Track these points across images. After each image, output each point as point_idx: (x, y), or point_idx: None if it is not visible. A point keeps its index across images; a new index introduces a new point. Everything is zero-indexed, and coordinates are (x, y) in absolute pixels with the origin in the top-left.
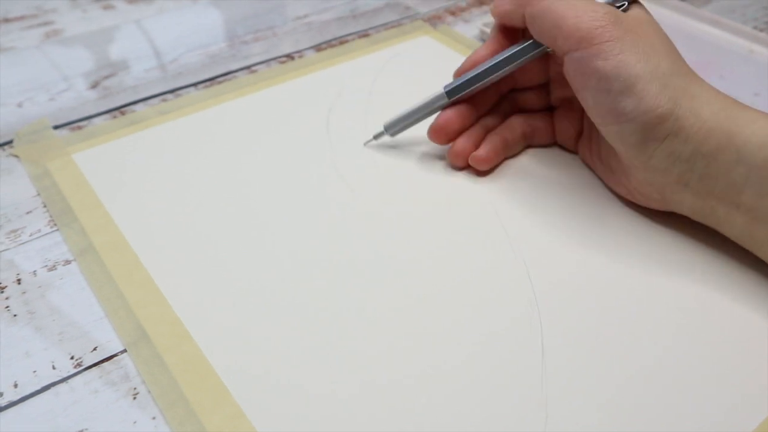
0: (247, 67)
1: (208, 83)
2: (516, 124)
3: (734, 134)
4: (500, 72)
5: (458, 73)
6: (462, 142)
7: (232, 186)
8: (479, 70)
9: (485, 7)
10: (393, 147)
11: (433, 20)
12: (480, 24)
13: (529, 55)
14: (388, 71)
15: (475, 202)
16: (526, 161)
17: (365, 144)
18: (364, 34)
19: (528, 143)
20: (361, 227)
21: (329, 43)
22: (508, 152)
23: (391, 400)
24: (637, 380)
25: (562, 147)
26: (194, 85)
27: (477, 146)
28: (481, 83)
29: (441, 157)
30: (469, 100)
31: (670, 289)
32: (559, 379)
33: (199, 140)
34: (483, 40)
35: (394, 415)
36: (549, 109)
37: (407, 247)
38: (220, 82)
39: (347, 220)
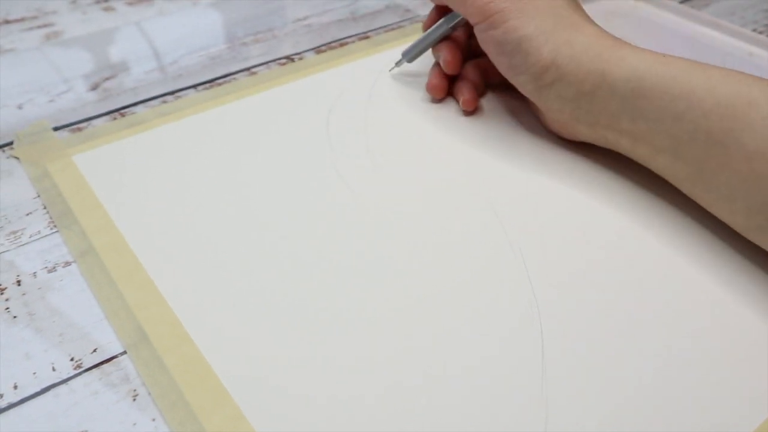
0: (247, 69)
1: (208, 85)
2: (475, 69)
3: (606, 73)
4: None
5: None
6: (437, 79)
7: (232, 188)
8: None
9: None
10: (393, 147)
11: None
12: None
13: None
14: (388, 73)
15: (474, 201)
16: (524, 152)
17: (390, 71)
18: (364, 36)
19: (486, 82)
20: (362, 228)
21: (329, 45)
22: (481, 93)
23: (390, 400)
24: (637, 381)
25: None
26: (194, 86)
27: (448, 81)
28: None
29: (439, 157)
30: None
31: (670, 288)
32: (559, 379)
33: (199, 142)
34: None
35: (393, 415)
36: None
37: (407, 247)
38: (220, 84)
39: (347, 221)
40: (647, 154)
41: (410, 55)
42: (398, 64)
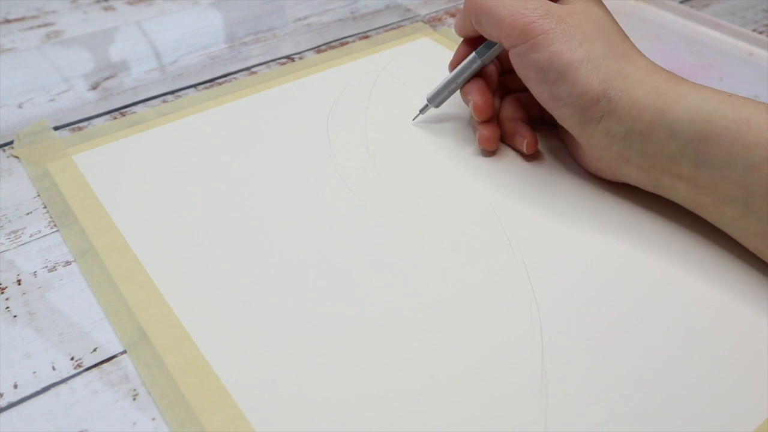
0: (247, 69)
1: (208, 84)
2: (517, 105)
3: (665, 112)
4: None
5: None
6: (489, 131)
7: (233, 187)
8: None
9: None
10: (393, 147)
11: (433, 22)
12: None
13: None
14: (388, 73)
15: (475, 202)
16: (527, 157)
17: (413, 120)
18: (364, 36)
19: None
20: (362, 229)
21: (329, 45)
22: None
23: (391, 401)
24: (637, 381)
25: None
26: (194, 86)
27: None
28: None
29: (440, 157)
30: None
31: (670, 289)
32: (559, 382)
33: (200, 141)
34: None
35: (394, 415)
36: None
37: (407, 248)
38: (220, 84)
39: (348, 222)
40: (710, 204)
41: (437, 99)
42: (423, 111)
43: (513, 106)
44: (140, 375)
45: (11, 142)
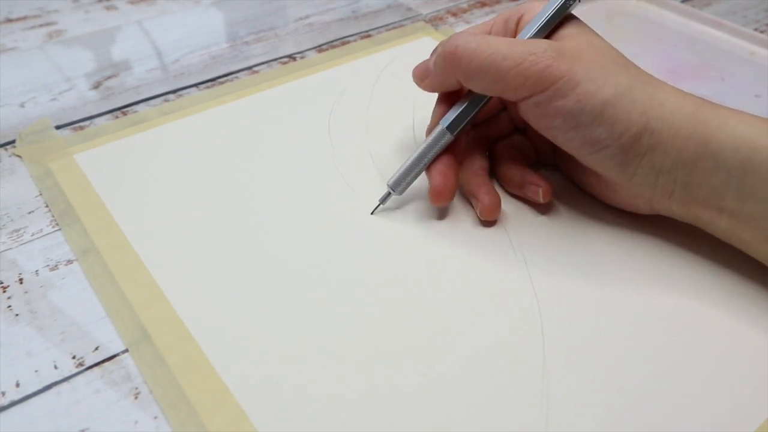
0: (249, 68)
1: (209, 84)
2: (512, 152)
3: (709, 139)
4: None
5: (428, 130)
6: (441, 179)
7: (235, 187)
8: (468, 100)
9: (487, 9)
10: (394, 147)
11: (435, 21)
12: None
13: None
14: (390, 72)
15: None
16: None
17: (372, 213)
18: (365, 35)
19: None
20: (364, 230)
21: (331, 44)
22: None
23: (393, 400)
24: (637, 385)
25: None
26: (196, 85)
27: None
28: (475, 110)
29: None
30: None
31: (671, 294)
32: (560, 382)
33: (201, 141)
34: None
35: (396, 415)
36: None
37: (409, 249)
38: (221, 83)
39: (349, 223)
40: (752, 239)
41: (402, 185)
42: (384, 201)
43: (511, 154)
44: (142, 374)
45: (13, 141)
